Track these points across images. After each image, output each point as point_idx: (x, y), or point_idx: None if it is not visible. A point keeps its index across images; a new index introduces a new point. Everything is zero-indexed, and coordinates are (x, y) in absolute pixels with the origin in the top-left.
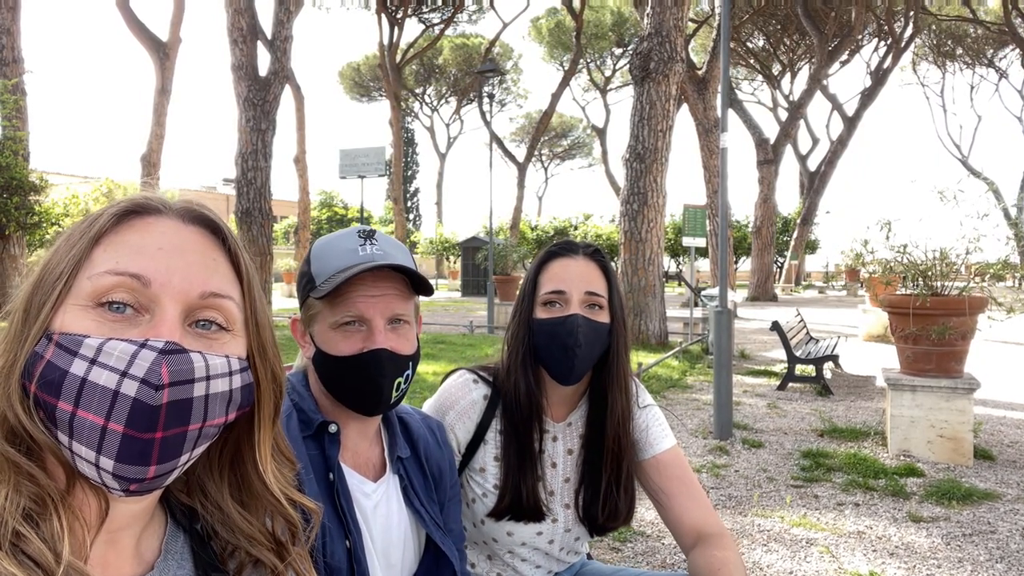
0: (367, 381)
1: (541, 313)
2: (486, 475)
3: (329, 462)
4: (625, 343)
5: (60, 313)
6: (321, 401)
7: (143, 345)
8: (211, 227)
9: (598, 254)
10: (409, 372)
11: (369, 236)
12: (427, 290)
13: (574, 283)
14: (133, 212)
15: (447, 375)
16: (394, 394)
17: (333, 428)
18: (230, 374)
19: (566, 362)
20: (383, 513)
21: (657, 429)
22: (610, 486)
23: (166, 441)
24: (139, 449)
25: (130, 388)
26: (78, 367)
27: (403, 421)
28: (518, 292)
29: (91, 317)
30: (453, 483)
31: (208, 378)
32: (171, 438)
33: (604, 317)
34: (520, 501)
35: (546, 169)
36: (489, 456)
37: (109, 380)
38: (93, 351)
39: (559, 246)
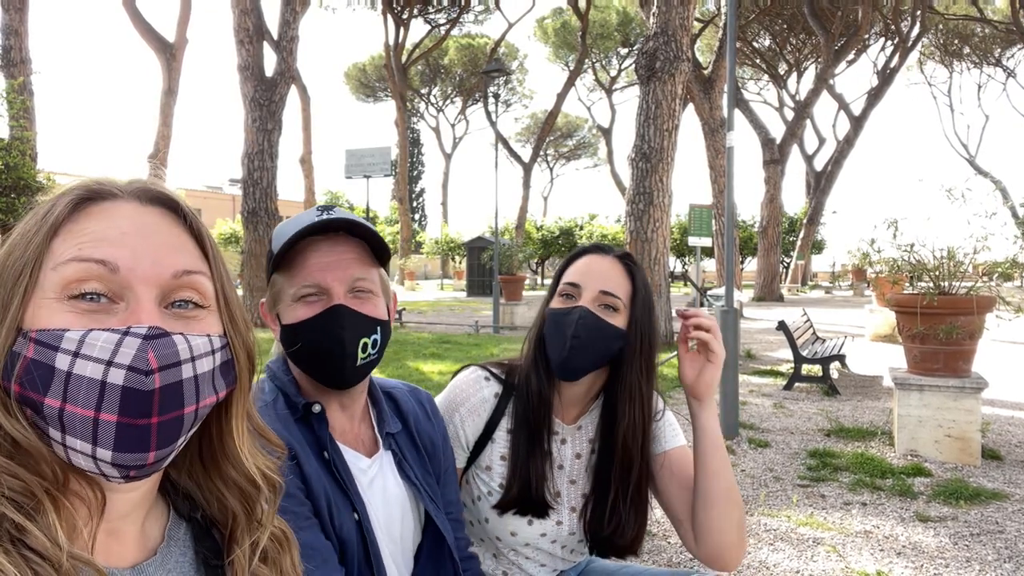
0: (328, 339)
1: (554, 304)
2: (492, 473)
3: (321, 441)
4: (642, 352)
5: (30, 309)
6: (302, 383)
7: (126, 333)
8: (170, 206)
9: (628, 258)
10: (377, 337)
11: (327, 209)
12: (386, 253)
13: (591, 279)
14: (88, 199)
15: (458, 371)
16: (360, 356)
17: (317, 408)
18: (213, 352)
19: (562, 353)
20: (379, 487)
21: (668, 429)
22: (617, 500)
23: (163, 426)
24: (137, 436)
25: (118, 377)
26: (62, 361)
27: (391, 396)
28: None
29: (66, 310)
30: (447, 454)
31: (193, 359)
32: (168, 422)
33: (617, 320)
34: (529, 492)
35: (551, 169)
36: (496, 455)
37: (95, 371)
38: (75, 344)
39: (591, 245)
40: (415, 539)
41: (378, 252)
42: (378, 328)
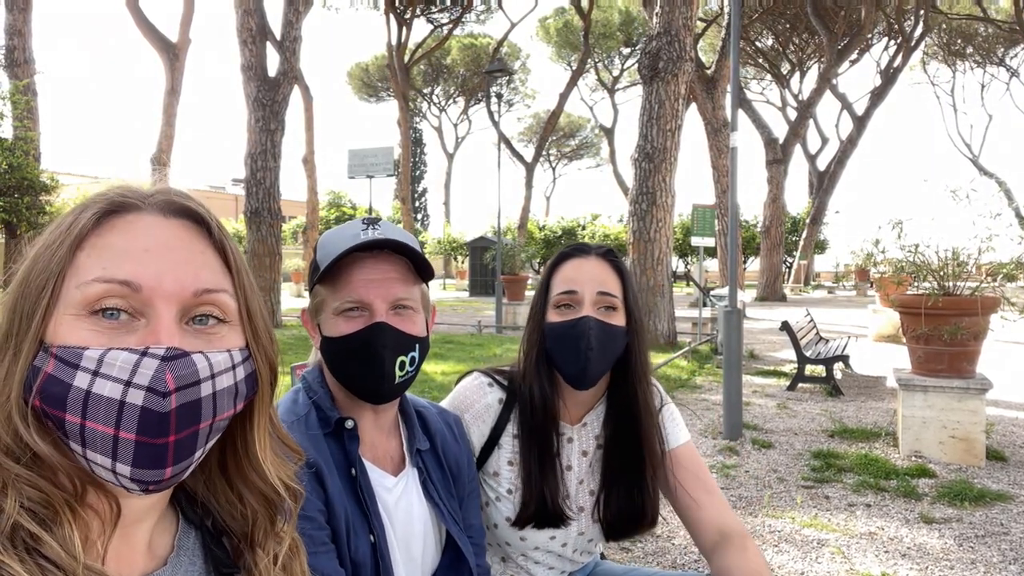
0: (368, 355)
1: (553, 316)
2: (500, 479)
3: (350, 457)
4: (643, 345)
5: (52, 323)
6: (337, 396)
7: (144, 353)
8: (194, 217)
9: (611, 254)
10: (415, 354)
11: (372, 223)
12: (428, 272)
13: (586, 283)
14: (112, 212)
15: (462, 376)
16: (398, 373)
17: (350, 424)
18: (233, 367)
19: (579, 365)
20: (404, 507)
21: (672, 426)
22: (632, 489)
23: (180, 443)
24: (154, 454)
25: (136, 397)
26: (81, 380)
27: (420, 415)
28: (534, 295)
29: (86, 327)
30: (471, 477)
31: (213, 376)
32: (184, 439)
33: (618, 319)
34: (545, 508)
35: (554, 169)
36: (503, 460)
37: (114, 391)
38: (95, 363)
39: (571, 247)
40: (435, 560)
41: (421, 269)
42: (416, 345)
